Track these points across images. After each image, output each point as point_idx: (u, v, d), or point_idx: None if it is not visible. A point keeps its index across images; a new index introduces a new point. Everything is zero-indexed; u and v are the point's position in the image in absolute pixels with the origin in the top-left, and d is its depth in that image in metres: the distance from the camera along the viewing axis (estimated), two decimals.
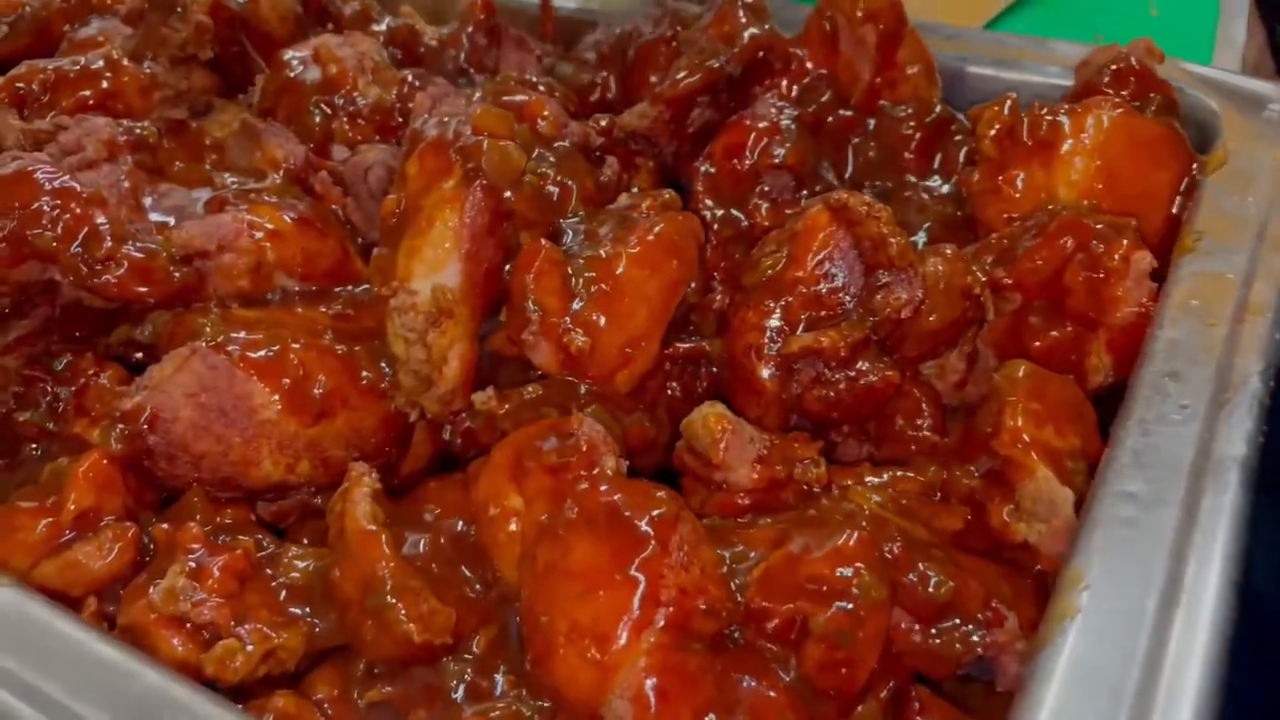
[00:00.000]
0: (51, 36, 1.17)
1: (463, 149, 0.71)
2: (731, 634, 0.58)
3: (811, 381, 0.71)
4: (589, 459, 0.61)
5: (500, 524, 0.64)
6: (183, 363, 0.69)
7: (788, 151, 0.85)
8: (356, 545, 0.64)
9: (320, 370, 0.72)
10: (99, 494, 0.65)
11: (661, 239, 0.74)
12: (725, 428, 0.67)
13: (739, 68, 0.90)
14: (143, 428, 0.67)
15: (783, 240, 0.76)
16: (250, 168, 0.87)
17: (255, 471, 0.71)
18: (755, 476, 0.67)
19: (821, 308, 0.73)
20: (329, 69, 0.93)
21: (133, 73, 0.89)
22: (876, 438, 0.77)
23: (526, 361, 0.78)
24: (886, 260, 0.71)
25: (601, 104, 1.02)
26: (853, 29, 0.92)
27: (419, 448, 0.80)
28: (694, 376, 0.79)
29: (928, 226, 0.86)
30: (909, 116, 0.90)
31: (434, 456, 0.82)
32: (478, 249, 0.72)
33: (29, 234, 0.72)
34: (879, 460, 0.76)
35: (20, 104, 0.87)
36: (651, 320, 0.73)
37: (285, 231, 0.79)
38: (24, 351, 0.79)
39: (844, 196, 0.73)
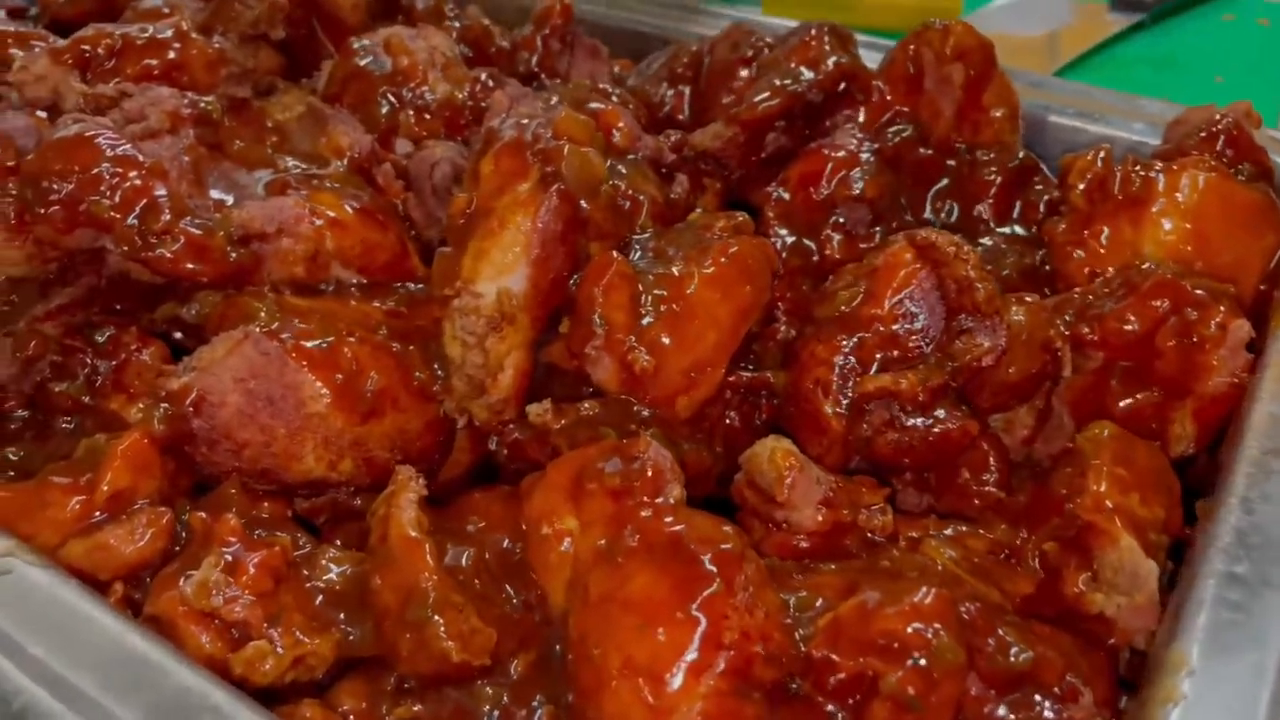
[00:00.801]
0: (116, 3, 1.16)
1: (543, 152, 0.69)
2: (791, 684, 0.55)
3: (884, 425, 0.68)
4: (654, 485, 0.58)
5: (552, 545, 0.61)
6: (235, 346, 0.66)
7: (867, 184, 0.82)
8: (400, 553, 0.61)
9: (373, 367, 0.70)
10: (135, 475, 0.62)
11: (736, 262, 0.71)
12: (792, 465, 0.64)
13: (820, 95, 0.88)
14: (187, 410, 0.65)
15: (861, 275, 0.73)
16: (313, 153, 0.84)
17: (297, 466, 0.68)
18: (820, 519, 0.64)
19: (897, 348, 0.70)
20: (400, 60, 0.91)
21: (201, 46, 0.87)
22: (937, 488, 0.74)
23: (583, 376, 0.75)
24: (971, 305, 0.68)
25: (669, 121, 0.99)
26: (940, 66, 0.89)
27: (459, 455, 0.78)
28: (753, 407, 0.76)
29: (1004, 273, 0.83)
30: (991, 161, 0.87)
31: (473, 465, 0.79)
32: (547, 256, 0.70)
33: (86, 200, 0.70)
34: (940, 513, 0.73)
35: (84, 67, 0.85)
36: (719, 346, 0.70)
37: (346, 221, 0.76)
38: (64, 320, 0.77)
39: (930, 235, 0.70)
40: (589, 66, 1.01)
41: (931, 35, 0.88)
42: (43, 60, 0.84)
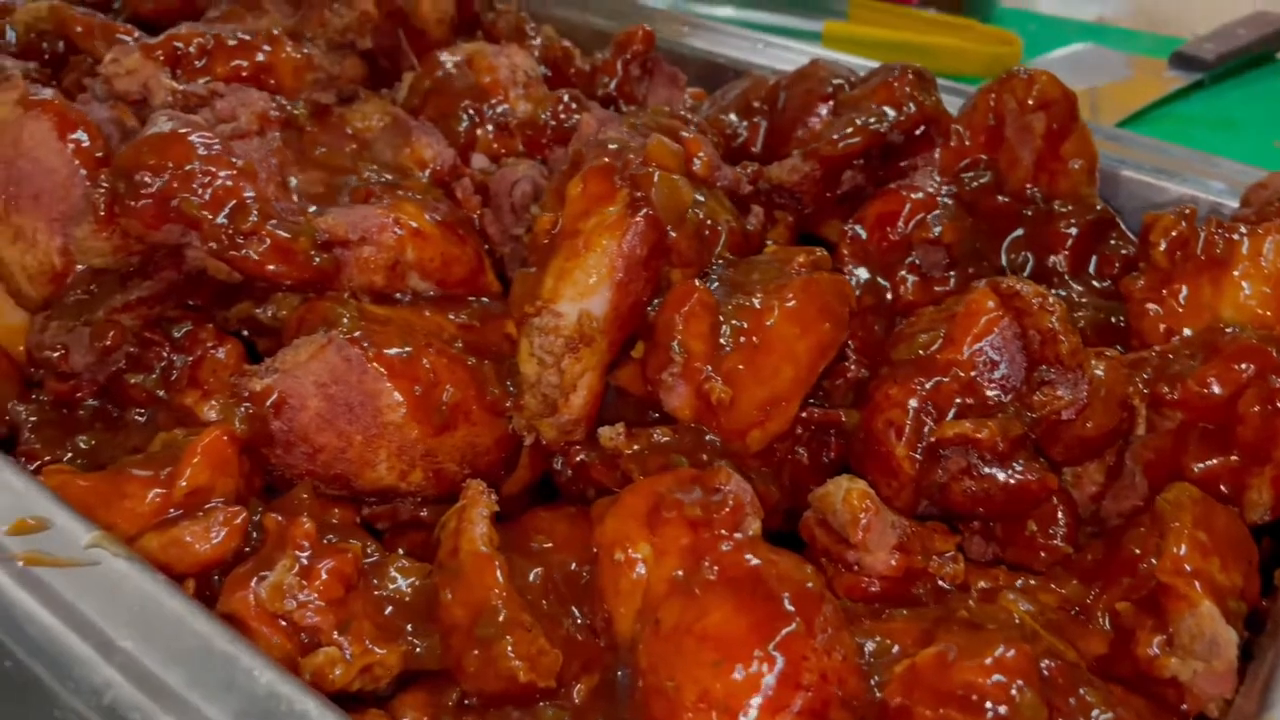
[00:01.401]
0: (197, 2, 1.17)
1: (633, 177, 0.69)
2: None
3: (961, 472, 0.67)
4: (733, 519, 0.58)
5: (624, 571, 0.60)
6: (318, 351, 0.66)
7: (945, 228, 0.82)
8: (470, 568, 0.61)
9: (449, 380, 0.70)
10: (214, 473, 0.62)
11: (816, 298, 0.71)
12: (868, 507, 0.63)
13: (900, 136, 0.88)
14: (268, 411, 0.65)
15: (940, 319, 0.73)
16: (395, 163, 0.85)
17: (369, 473, 0.68)
18: (893, 563, 0.63)
19: (974, 395, 0.70)
20: (482, 77, 0.92)
21: (290, 51, 0.88)
22: (1003, 539, 0.73)
23: (650, 401, 0.75)
24: (1054, 357, 0.68)
25: (742, 152, 0.99)
26: (1021, 115, 0.89)
27: (520, 471, 0.78)
28: (822, 444, 0.75)
29: (1078, 325, 0.82)
30: (1069, 212, 0.87)
31: (532, 482, 0.79)
32: (630, 280, 0.70)
33: (177, 196, 0.70)
34: (1006, 563, 0.72)
35: (174, 64, 0.86)
36: (795, 381, 0.70)
37: (428, 233, 0.77)
38: (142, 313, 0.77)
39: (1015, 284, 0.70)
40: (666, 94, 1.01)
41: (1016, 83, 0.88)
42: (135, 55, 0.85)
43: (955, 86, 1.11)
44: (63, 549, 0.52)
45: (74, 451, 0.73)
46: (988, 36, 1.91)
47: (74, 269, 0.78)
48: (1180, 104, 1.78)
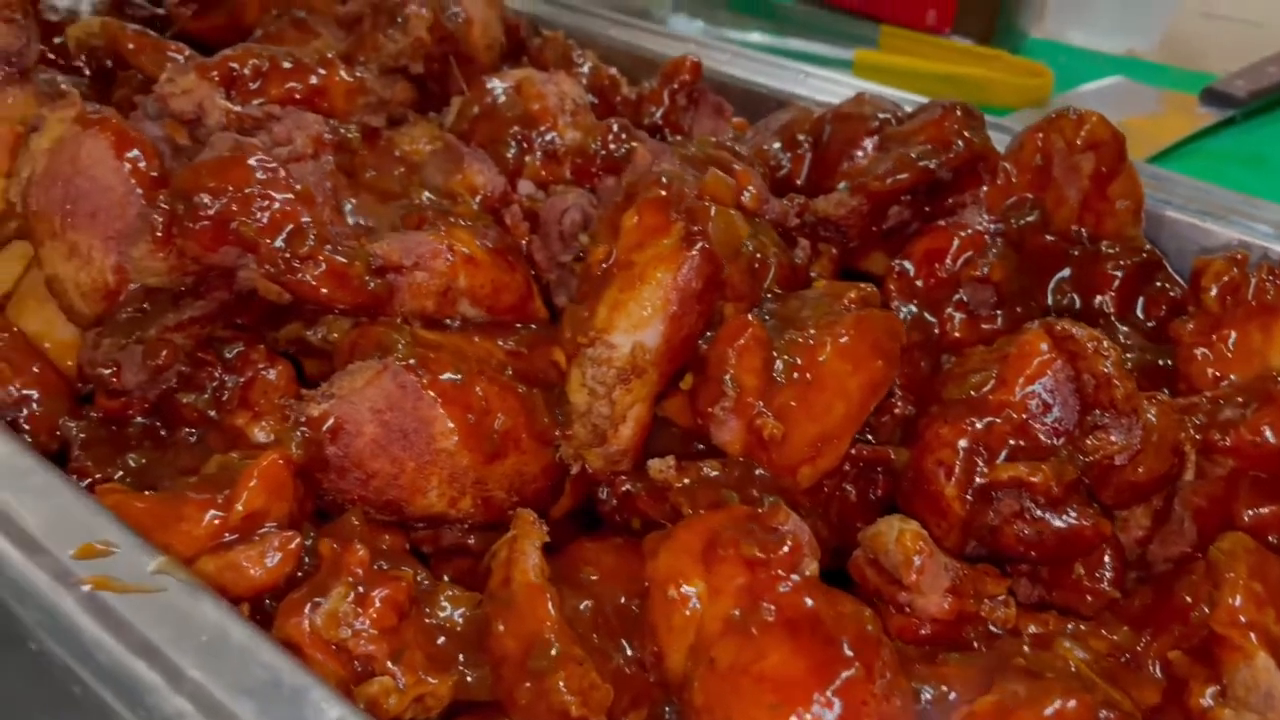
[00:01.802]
0: (245, 21, 1.19)
1: (689, 211, 0.69)
2: None
3: (1013, 515, 0.67)
4: (792, 559, 0.58)
5: (678, 607, 0.60)
6: (374, 377, 0.67)
7: (994, 266, 0.82)
8: (523, 599, 0.61)
9: (501, 408, 0.70)
10: (269, 497, 0.63)
11: (868, 335, 0.71)
12: (922, 549, 0.63)
13: (949, 173, 0.88)
14: (324, 436, 0.65)
15: (991, 360, 0.73)
16: (445, 188, 0.85)
17: (420, 500, 0.68)
18: (946, 606, 0.63)
19: (1026, 437, 0.70)
20: (531, 104, 0.92)
21: (343, 74, 0.89)
22: (1049, 582, 0.73)
23: (694, 433, 0.75)
24: (1108, 401, 0.68)
25: (786, 183, 1.00)
26: (1070, 155, 0.89)
27: (561, 499, 0.78)
28: (869, 482, 0.75)
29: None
30: (1116, 254, 0.87)
31: (571, 510, 0.79)
32: (683, 313, 0.70)
33: (236, 219, 0.71)
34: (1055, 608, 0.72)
35: (229, 85, 0.87)
36: (847, 419, 0.70)
37: (480, 259, 0.77)
38: (194, 332, 0.77)
39: (1069, 326, 0.70)
40: (711, 124, 1.02)
41: (1065, 123, 0.89)
42: (190, 75, 0.86)
43: (991, 121, 1.12)
44: (129, 574, 0.52)
45: (124, 469, 0.73)
46: (1018, 68, 1.91)
47: (127, 287, 0.78)
48: (1211, 140, 1.78)
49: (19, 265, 0.86)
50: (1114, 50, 2.25)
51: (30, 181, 0.79)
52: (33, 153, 0.80)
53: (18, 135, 0.87)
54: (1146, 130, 1.76)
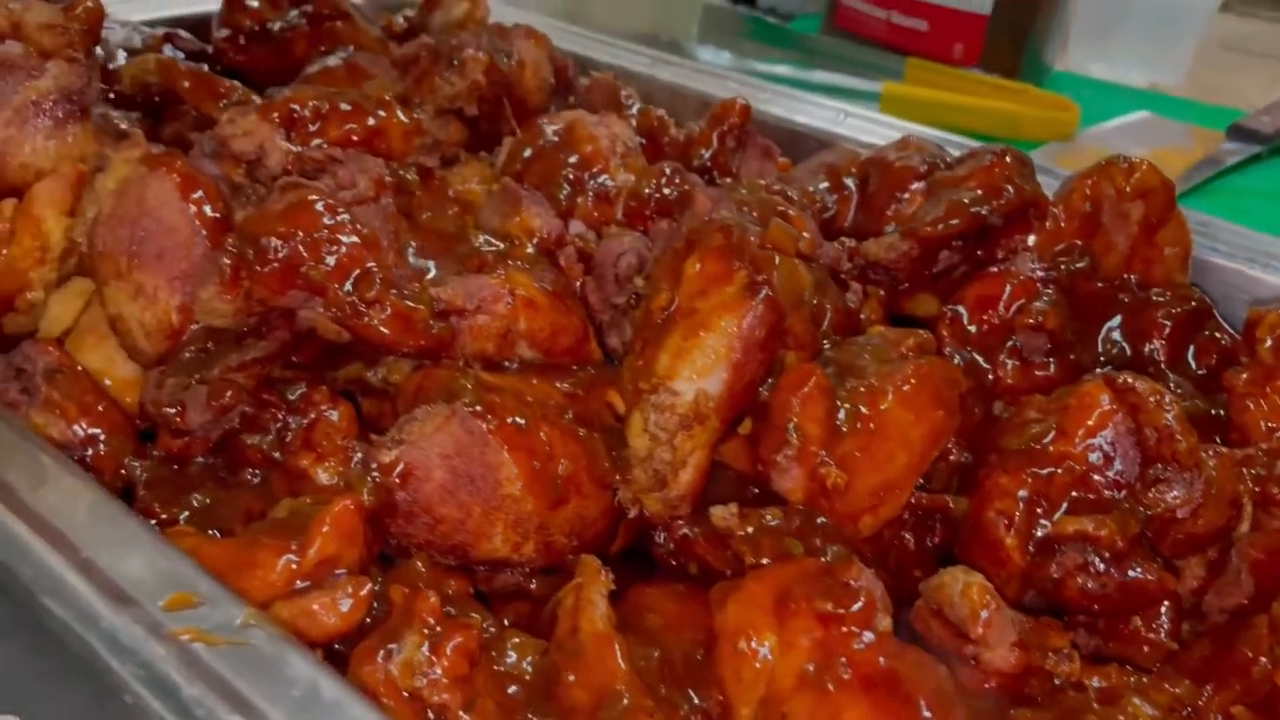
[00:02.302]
0: (291, 56, 1.20)
1: (754, 260, 0.70)
2: None
3: (1077, 568, 0.67)
4: (866, 615, 0.58)
5: (748, 660, 0.61)
6: (443, 423, 0.67)
7: (1049, 314, 0.82)
8: (592, 649, 0.62)
9: (564, 453, 0.71)
10: (342, 543, 0.63)
11: (930, 385, 0.72)
12: (989, 603, 0.63)
13: (1001, 219, 0.88)
14: (394, 482, 0.66)
15: (1051, 410, 0.73)
16: (502, 230, 0.86)
17: (485, 545, 0.69)
18: (1013, 660, 0.63)
19: (1087, 489, 0.70)
20: (584, 146, 0.93)
21: (401, 116, 0.90)
22: (1105, 632, 0.73)
23: (751, 478, 0.75)
24: (1170, 455, 0.68)
25: (832, 225, 1.00)
26: (1120, 202, 0.90)
27: (614, 541, 0.78)
28: (927, 530, 0.76)
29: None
30: (1167, 301, 0.88)
31: (620, 552, 0.79)
32: (746, 361, 0.70)
33: (305, 264, 0.72)
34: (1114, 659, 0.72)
35: (289, 126, 0.88)
36: (909, 468, 0.71)
37: (539, 303, 0.78)
38: (255, 372, 0.78)
39: (1131, 380, 0.70)
40: (759, 165, 1.03)
41: (1115, 171, 0.89)
42: (251, 116, 0.87)
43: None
44: (218, 625, 0.53)
45: (189, 510, 0.74)
46: (1045, 101, 1.92)
47: (190, 326, 0.79)
48: (1235, 177, 1.79)
49: (79, 301, 0.87)
50: (1137, 84, 2.26)
51: (96, 222, 0.80)
52: (98, 193, 0.81)
53: (80, 173, 0.88)
54: (1176, 166, 1.77)
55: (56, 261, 0.86)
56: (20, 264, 0.86)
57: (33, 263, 0.86)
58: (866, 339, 0.79)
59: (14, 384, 0.78)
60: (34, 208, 0.87)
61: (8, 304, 0.88)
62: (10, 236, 0.86)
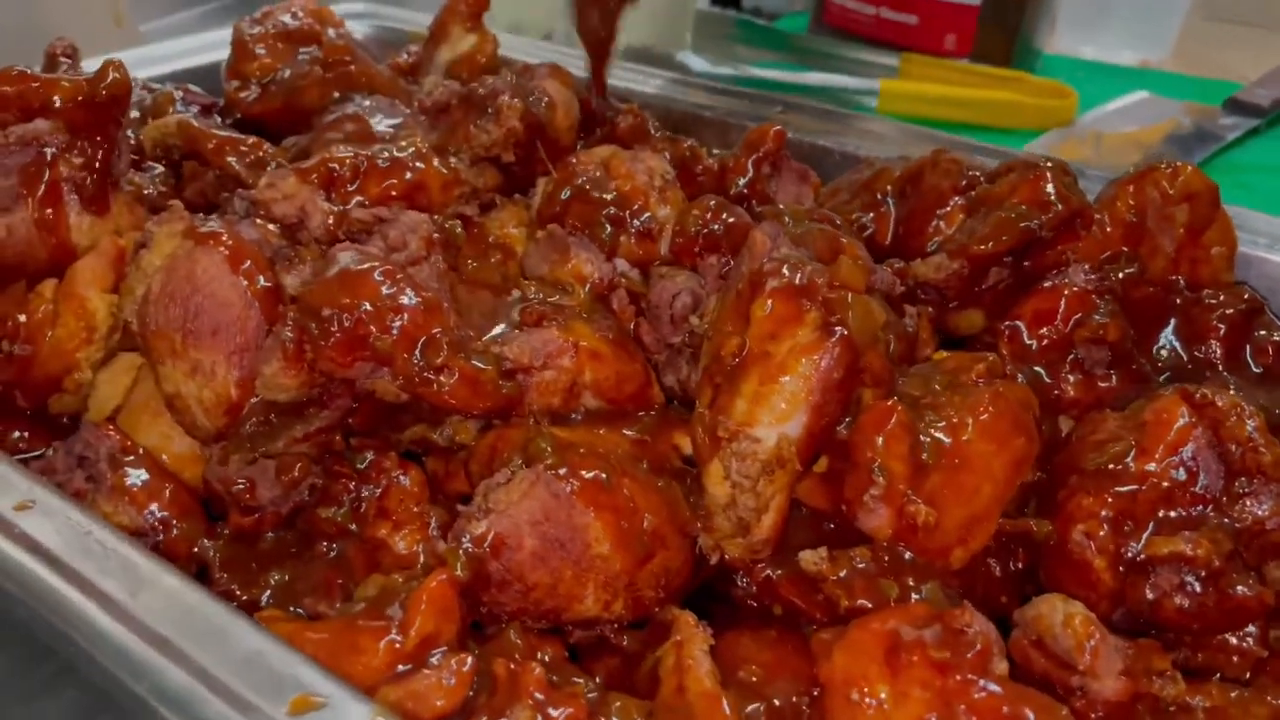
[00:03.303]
0: (303, 105, 1.19)
1: (827, 302, 0.70)
2: None
3: (1174, 589, 0.67)
4: (982, 660, 0.58)
5: (861, 711, 0.60)
6: (529, 488, 0.67)
7: (1109, 325, 0.82)
8: (701, 709, 0.61)
9: (647, 507, 0.70)
10: (440, 620, 0.63)
11: (1008, 412, 0.71)
12: (1093, 633, 0.63)
13: (1050, 233, 0.88)
14: (486, 553, 0.65)
15: (1128, 427, 0.73)
16: (550, 277, 0.86)
17: (578, 607, 0.68)
18: (1121, 689, 0.63)
19: (1173, 506, 0.70)
20: (622, 184, 0.93)
21: (438, 166, 0.89)
22: (1192, 644, 0.73)
23: (826, 515, 0.75)
24: (1255, 467, 0.68)
25: (872, 244, 1.00)
26: (1165, 206, 0.90)
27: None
28: (1009, 554, 0.75)
29: None
30: (1220, 303, 0.88)
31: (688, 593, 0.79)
32: (824, 402, 0.70)
33: (370, 335, 0.71)
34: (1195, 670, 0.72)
35: (328, 186, 0.87)
36: (994, 499, 0.70)
37: (603, 353, 0.77)
38: (319, 440, 0.77)
39: (1209, 393, 0.70)
40: (795, 190, 1.02)
41: (1159, 176, 0.89)
42: (290, 179, 0.86)
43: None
44: None
45: (268, 589, 0.73)
46: (1042, 89, 1.92)
47: (249, 400, 0.78)
48: (1235, 151, 1.80)
49: (126, 378, 0.86)
50: (1128, 62, 2.27)
51: (146, 300, 0.79)
52: (144, 270, 0.80)
53: (120, 249, 0.87)
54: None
55: (103, 341, 0.85)
56: (66, 345, 0.85)
57: (79, 343, 0.85)
58: (933, 367, 0.79)
59: (78, 472, 0.77)
60: (76, 287, 0.85)
61: (55, 385, 0.86)
62: (55, 318, 0.85)
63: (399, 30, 1.53)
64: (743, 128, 1.12)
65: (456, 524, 0.66)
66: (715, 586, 0.78)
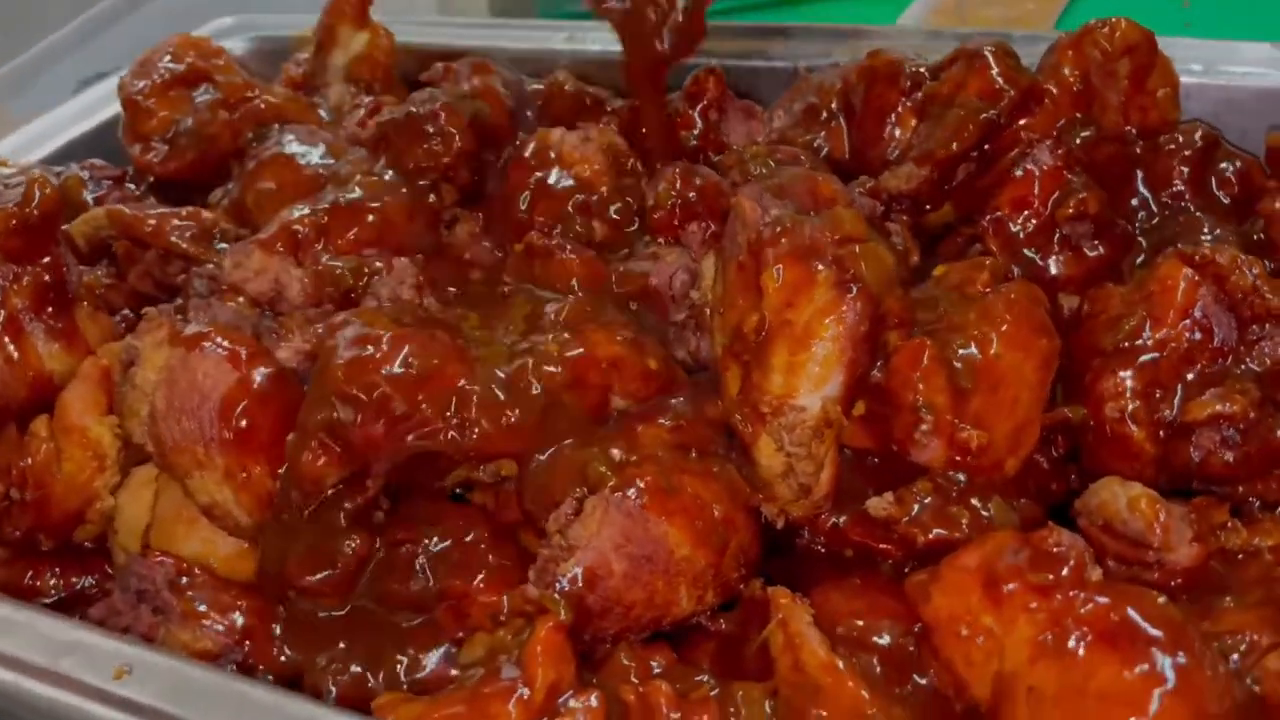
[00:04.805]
0: (218, 152, 1.14)
1: (837, 259, 0.70)
2: None
3: (1218, 445, 0.71)
4: (1078, 574, 0.61)
5: (972, 644, 0.63)
6: (603, 516, 0.68)
7: (1088, 199, 0.84)
8: (829, 682, 0.64)
9: (711, 498, 0.72)
10: (558, 666, 0.64)
11: (1024, 316, 0.74)
12: (1159, 509, 0.67)
13: (1008, 118, 0.89)
14: (581, 589, 0.66)
15: (1135, 299, 0.76)
16: (546, 284, 0.85)
17: (675, 610, 0.70)
18: (1195, 553, 0.67)
19: (1195, 365, 0.73)
20: (580, 169, 0.91)
21: (397, 198, 0.87)
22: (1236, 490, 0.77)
23: (868, 452, 0.77)
24: (1264, 313, 0.72)
25: (832, 163, 1.00)
26: (1106, 63, 0.91)
27: None
28: (1049, 443, 0.78)
29: None
30: (1179, 145, 0.90)
31: None
32: (857, 356, 0.71)
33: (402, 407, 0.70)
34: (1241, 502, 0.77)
35: (295, 251, 0.84)
36: (1034, 403, 0.73)
37: (624, 357, 0.77)
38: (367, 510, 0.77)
39: (1206, 251, 0.73)
40: (745, 128, 1.01)
41: (1096, 36, 0.90)
42: (256, 254, 0.84)
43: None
44: None
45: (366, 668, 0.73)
46: None
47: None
48: None
49: (148, 492, 0.84)
50: None
51: (155, 419, 0.77)
52: (142, 389, 0.78)
53: (103, 369, 0.84)
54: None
55: (116, 465, 0.83)
56: (80, 479, 0.83)
57: (92, 473, 0.83)
58: (936, 284, 0.80)
59: (142, 608, 0.76)
60: (71, 419, 0.83)
61: (78, 519, 0.85)
62: (59, 455, 0.82)
63: (278, 38, 1.46)
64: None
65: (542, 566, 0.67)
66: (778, 541, 0.80)
